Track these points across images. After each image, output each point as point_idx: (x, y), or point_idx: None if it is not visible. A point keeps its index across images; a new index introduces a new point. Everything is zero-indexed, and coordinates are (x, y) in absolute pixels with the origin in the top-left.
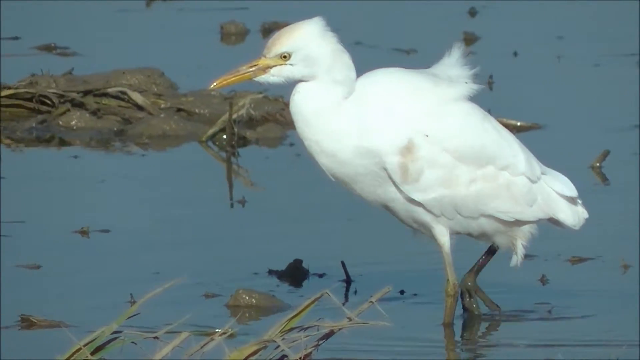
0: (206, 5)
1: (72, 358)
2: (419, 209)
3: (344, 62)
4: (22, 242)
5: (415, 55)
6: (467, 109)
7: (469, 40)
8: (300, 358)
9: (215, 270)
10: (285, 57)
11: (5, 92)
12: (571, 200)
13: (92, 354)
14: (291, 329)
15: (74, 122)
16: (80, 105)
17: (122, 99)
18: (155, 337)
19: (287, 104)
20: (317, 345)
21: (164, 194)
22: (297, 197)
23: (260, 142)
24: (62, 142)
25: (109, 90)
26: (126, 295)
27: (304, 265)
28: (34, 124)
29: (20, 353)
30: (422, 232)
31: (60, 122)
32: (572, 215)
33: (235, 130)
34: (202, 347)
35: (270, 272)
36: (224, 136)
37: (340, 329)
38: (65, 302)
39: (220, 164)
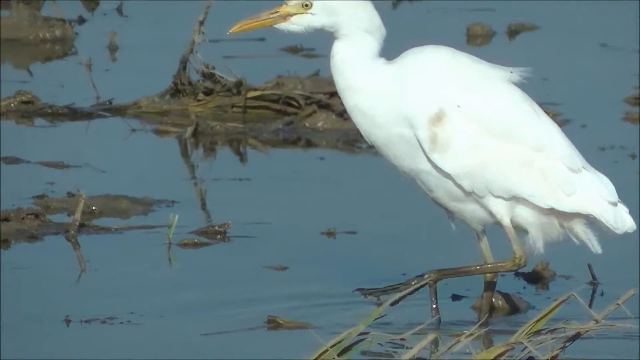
0: (452, 6)
1: (319, 359)
2: (451, 184)
3: (367, 10)
4: (268, 243)
5: None
6: (506, 88)
7: None
8: None
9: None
10: (306, 5)
11: (251, 94)
12: (611, 203)
13: (339, 355)
14: (538, 331)
15: (320, 124)
16: (326, 107)
17: None
18: (402, 339)
19: None
20: (564, 347)
21: (411, 195)
22: None
23: None
24: (309, 144)
25: None
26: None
27: (550, 267)
28: (280, 126)
29: (268, 354)
30: (460, 215)
31: (307, 124)
32: (613, 216)
33: None
34: (449, 349)
35: (517, 274)
36: None
37: (586, 332)
38: (311, 303)
39: None
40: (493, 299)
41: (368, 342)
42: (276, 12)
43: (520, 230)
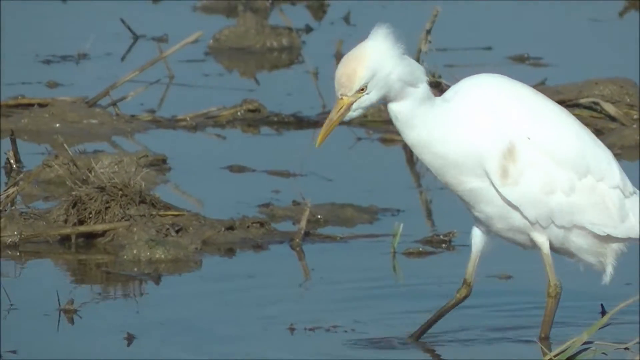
0: None
1: None
2: (515, 214)
3: (409, 66)
4: (494, 252)
5: None
6: (565, 116)
7: None
8: None
9: None
10: (362, 89)
11: None
12: None
13: None
14: None
15: None
16: None
17: (595, 110)
18: (626, 348)
19: None
20: None
21: None
22: None
23: None
24: None
25: (581, 100)
26: (596, 306)
27: None
28: None
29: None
30: (515, 241)
31: None
32: None
33: None
34: None
35: None
36: None
37: None
38: (533, 313)
39: None
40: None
41: (592, 351)
42: (340, 107)
43: (567, 255)
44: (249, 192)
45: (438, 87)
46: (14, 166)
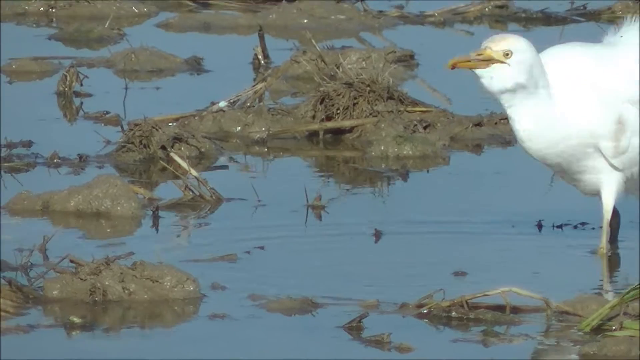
0: None
1: None
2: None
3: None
4: None
5: None
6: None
7: None
8: None
9: None
10: (507, 54)
11: None
12: None
13: None
14: None
15: None
16: None
17: None
18: None
19: None
20: None
21: None
22: None
23: None
24: None
25: None
26: None
27: None
28: None
29: None
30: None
31: None
32: None
33: None
34: None
35: None
36: None
37: None
38: None
39: None
40: None
41: None
42: (481, 54)
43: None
44: None
45: None
46: (262, 62)
